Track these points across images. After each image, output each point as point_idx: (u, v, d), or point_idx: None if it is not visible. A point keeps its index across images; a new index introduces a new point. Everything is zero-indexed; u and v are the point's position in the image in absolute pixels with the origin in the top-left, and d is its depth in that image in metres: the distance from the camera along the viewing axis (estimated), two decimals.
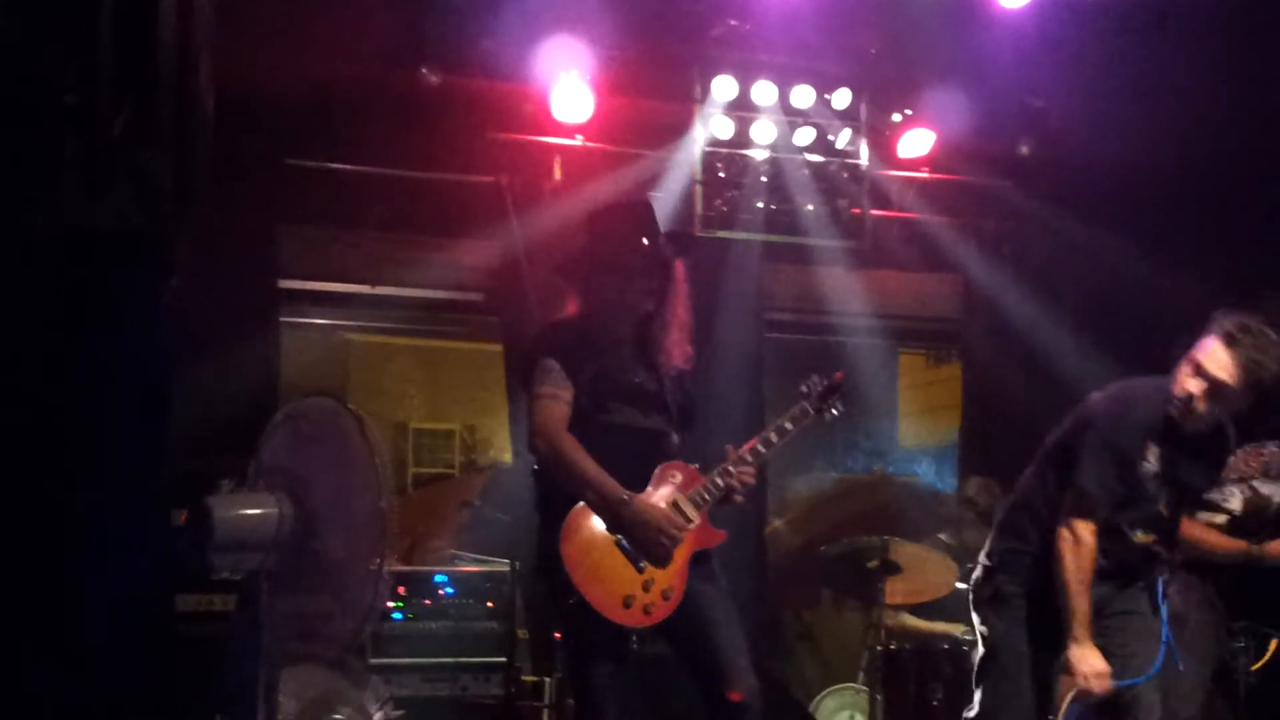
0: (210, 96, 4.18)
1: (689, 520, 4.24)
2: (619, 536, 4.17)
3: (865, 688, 6.50)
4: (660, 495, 4.26)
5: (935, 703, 6.02)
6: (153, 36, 3.82)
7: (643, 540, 4.16)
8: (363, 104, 6.21)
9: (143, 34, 3.85)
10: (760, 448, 4.37)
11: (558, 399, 4.22)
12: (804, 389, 4.51)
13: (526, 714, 5.69)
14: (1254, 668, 4.77)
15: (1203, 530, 4.81)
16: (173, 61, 3.89)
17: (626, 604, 4.12)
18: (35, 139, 3.99)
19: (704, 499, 4.28)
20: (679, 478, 4.30)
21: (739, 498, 4.37)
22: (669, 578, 4.18)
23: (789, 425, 4.44)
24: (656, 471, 4.28)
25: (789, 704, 6.61)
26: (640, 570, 4.16)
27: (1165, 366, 5.11)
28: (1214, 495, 4.84)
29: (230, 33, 4.77)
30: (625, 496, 4.15)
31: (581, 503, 4.19)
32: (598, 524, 4.18)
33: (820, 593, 7.89)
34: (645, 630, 4.20)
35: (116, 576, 4.17)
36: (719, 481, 4.29)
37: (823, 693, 7.09)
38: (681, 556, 4.21)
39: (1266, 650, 4.80)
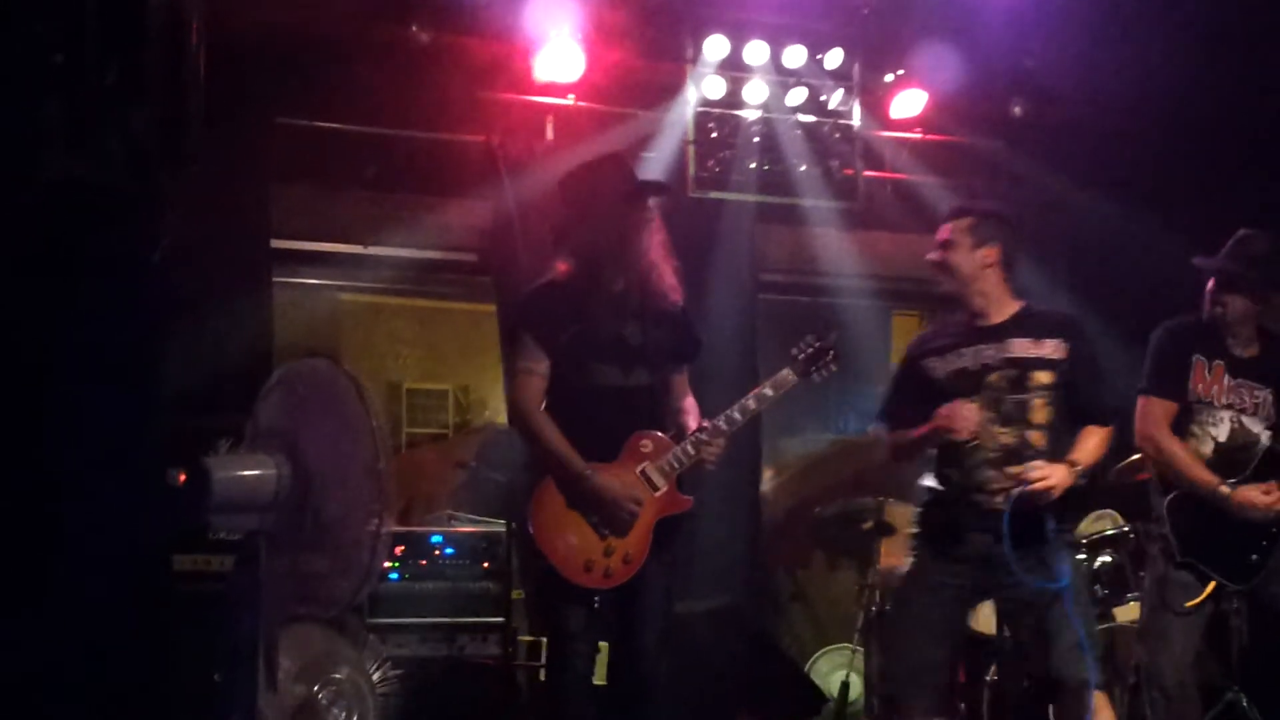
0: (200, 54, 4.15)
1: (656, 488, 4.40)
2: (583, 506, 4.34)
3: (860, 648, 6.53)
4: (627, 465, 4.40)
5: None
6: None
7: (602, 512, 4.34)
8: (353, 62, 6.16)
9: None
10: (736, 415, 4.47)
11: (531, 372, 4.40)
12: (793, 351, 4.59)
13: (523, 674, 5.71)
14: (1187, 604, 4.79)
15: (1177, 446, 4.83)
16: (162, 17, 3.86)
17: (587, 568, 4.34)
18: (21, 95, 3.96)
19: (672, 467, 4.42)
20: (650, 446, 4.43)
21: (711, 466, 4.49)
22: (631, 543, 4.37)
23: (769, 391, 4.53)
24: (628, 441, 4.41)
25: (784, 664, 6.64)
26: (603, 537, 4.36)
27: (1156, 323, 5.17)
28: (1205, 418, 4.87)
29: None
30: (587, 471, 4.32)
31: (549, 475, 4.38)
32: (563, 494, 4.36)
33: (814, 553, 7.90)
34: (609, 592, 4.39)
35: (111, 534, 4.17)
36: (689, 450, 4.43)
37: (818, 653, 7.12)
38: (645, 523, 4.39)
39: (1203, 590, 4.80)
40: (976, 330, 4.53)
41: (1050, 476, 4.28)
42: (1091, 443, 4.44)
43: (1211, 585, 4.80)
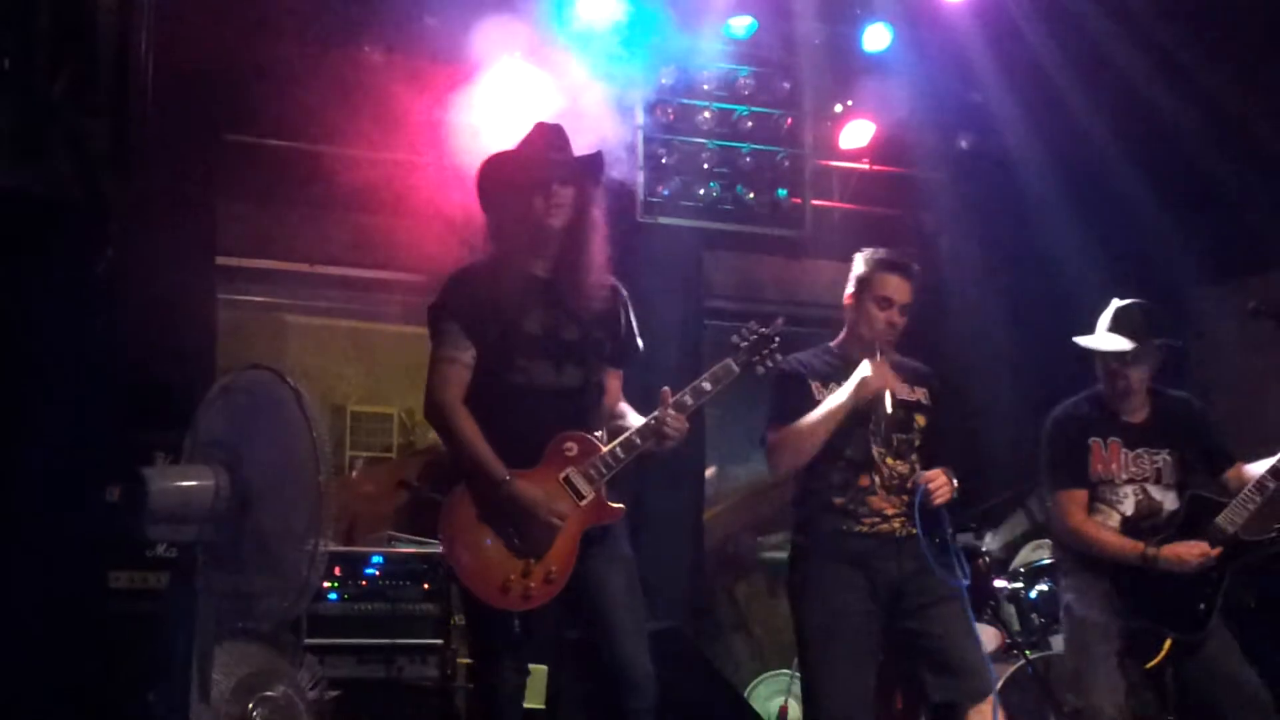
0: (149, 67, 4.14)
1: (581, 496, 4.00)
2: (499, 517, 3.96)
3: (799, 674, 6.53)
4: (549, 471, 4.00)
5: None
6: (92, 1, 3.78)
7: (520, 525, 3.95)
8: (303, 80, 6.14)
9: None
10: (687, 402, 4.07)
11: (454, 361, 4.04)
12: (734, 339, 4.17)
13: (462, 696, 5.67)
14: (1147, 666, 4.79)
15: (1099, 529, 4.87)
16: (113, 26, 3.85)
17: (505, 589, 3.94)
18: None
19: (599, 472, 4.01)
20: (574, 449, 4.02)
21: (667, 443, 4.05)
22: (553, 560, 3.97)
23: (707, 385, 4.10)
24: (551, 444, 4.01)
25: (723, 689, 6.62)
26: (521, 555, 3.96)
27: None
28: (1109, 496, 4.91)
29: (170, 4, 4.72)
30: (504, 477, 3.92)
31: (464, 482, 4.01)
32: (478, 504, 3.98)
33: (756, 580, 7.92)
34: (546, 611, 4.03)
35: (47, 548, 4.12)
36: (618, 453, 4.03)
37: (757, 679, 7.12)
38: (569, 536, 3.98)
39: (1161, 649, 4.81)
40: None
41: (941, 479, 4.38)
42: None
43: (1168, 643, 4.79)
